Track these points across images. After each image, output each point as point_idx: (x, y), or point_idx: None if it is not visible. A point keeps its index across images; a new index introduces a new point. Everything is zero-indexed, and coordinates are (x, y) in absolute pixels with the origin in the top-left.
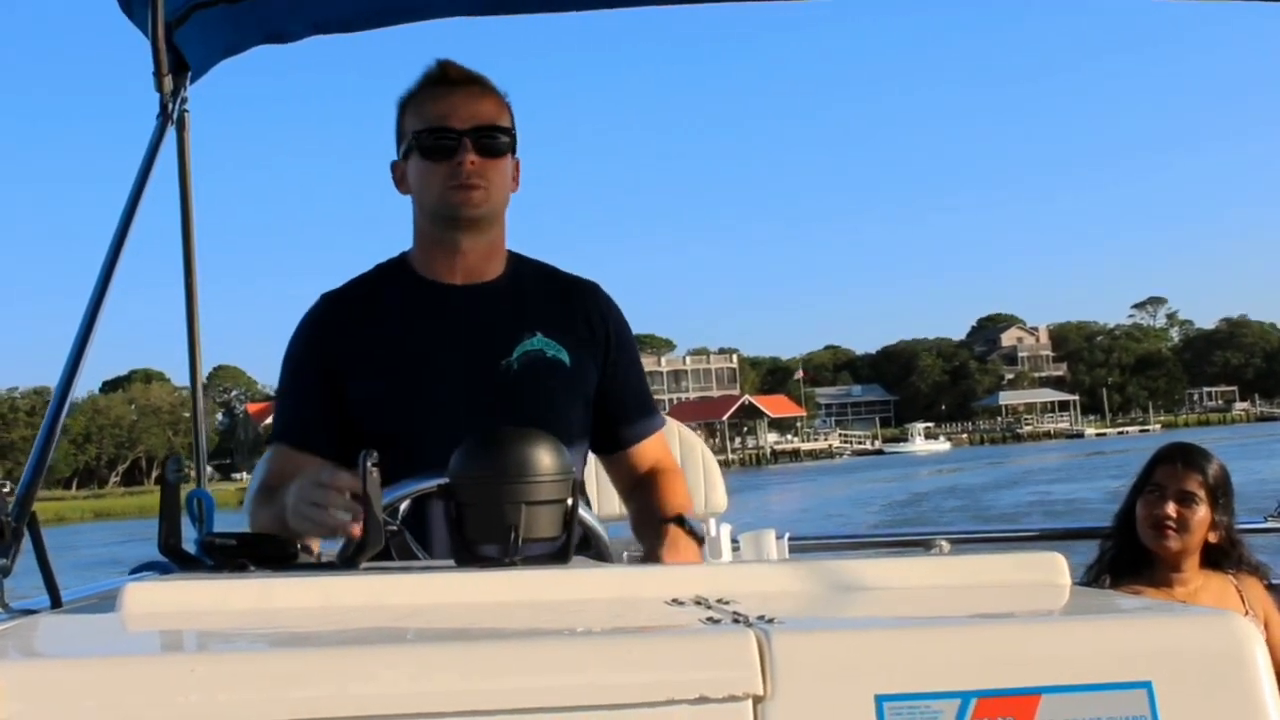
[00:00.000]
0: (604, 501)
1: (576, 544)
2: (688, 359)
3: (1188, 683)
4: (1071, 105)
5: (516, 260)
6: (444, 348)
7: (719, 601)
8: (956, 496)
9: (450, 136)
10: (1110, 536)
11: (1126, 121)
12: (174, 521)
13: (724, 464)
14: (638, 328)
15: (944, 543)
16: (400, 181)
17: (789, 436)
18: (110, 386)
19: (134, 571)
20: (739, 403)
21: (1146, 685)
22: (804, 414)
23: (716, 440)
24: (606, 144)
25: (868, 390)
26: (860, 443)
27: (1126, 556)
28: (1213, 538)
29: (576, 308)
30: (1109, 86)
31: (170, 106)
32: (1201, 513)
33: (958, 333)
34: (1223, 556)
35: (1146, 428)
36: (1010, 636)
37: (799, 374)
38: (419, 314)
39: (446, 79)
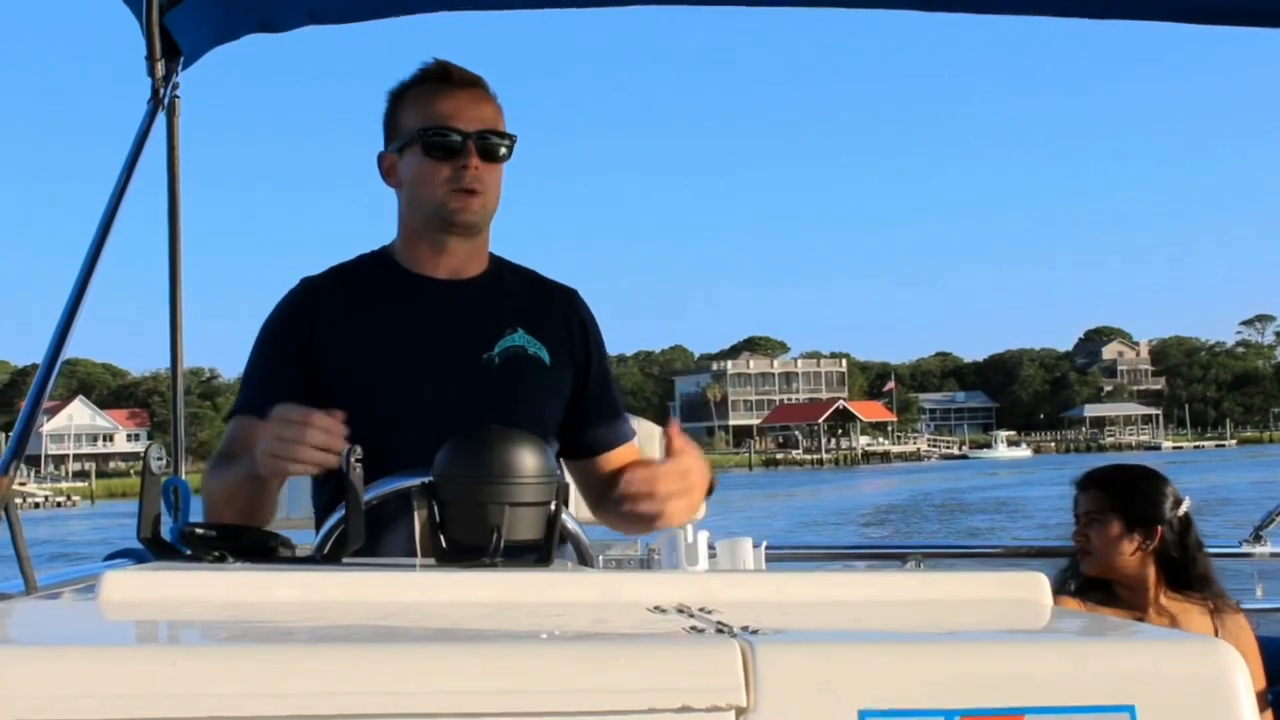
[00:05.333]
0: (584, 505)
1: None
2: (799, 361)
3: (1171, 707)
4: (1203, 126)
5: (497, 260)
6: (426, 340)
7: (701, 610)
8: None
9: (456, 137)
10: (1071, 564)
11: (1252, 143)
12: (153, 510)
13: (818, 463)
14: (753, 331)
15: (918, 556)
16: (389, 173)
17: (880, 439)
18: None
19: (109, 558)
20: (834, 407)
21: (1129, 709)
22: (894, 419)
23: (812, 441)
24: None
25: (970, 397)
26: (947, 447)
27: (1085, 581)
28: (1146, 554)
29: (556, 310)
30: (1245, 108)
31: (161, 91)
32: (1110, 532)
33: (1065, 344)
34: (1180, 572)
35: (1223, 442)
36: (995, 655)
37: (889, 385)
38: (401, 304)
39: (450, 79)
